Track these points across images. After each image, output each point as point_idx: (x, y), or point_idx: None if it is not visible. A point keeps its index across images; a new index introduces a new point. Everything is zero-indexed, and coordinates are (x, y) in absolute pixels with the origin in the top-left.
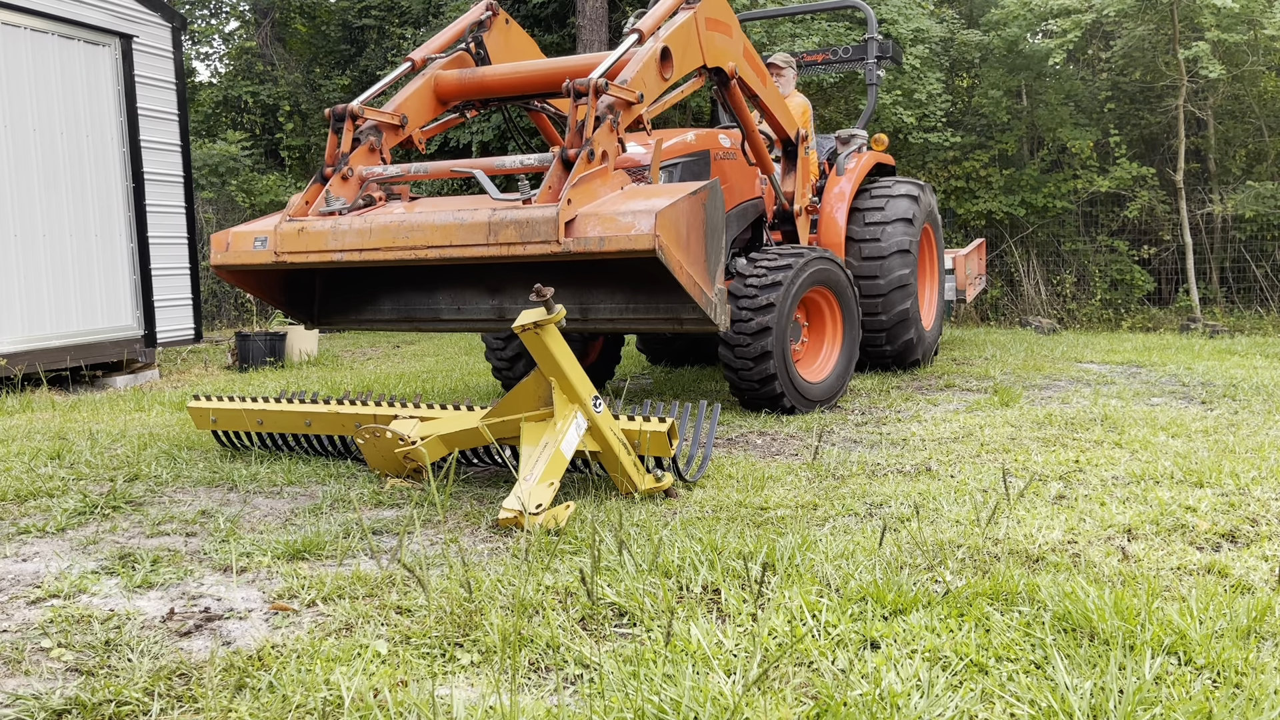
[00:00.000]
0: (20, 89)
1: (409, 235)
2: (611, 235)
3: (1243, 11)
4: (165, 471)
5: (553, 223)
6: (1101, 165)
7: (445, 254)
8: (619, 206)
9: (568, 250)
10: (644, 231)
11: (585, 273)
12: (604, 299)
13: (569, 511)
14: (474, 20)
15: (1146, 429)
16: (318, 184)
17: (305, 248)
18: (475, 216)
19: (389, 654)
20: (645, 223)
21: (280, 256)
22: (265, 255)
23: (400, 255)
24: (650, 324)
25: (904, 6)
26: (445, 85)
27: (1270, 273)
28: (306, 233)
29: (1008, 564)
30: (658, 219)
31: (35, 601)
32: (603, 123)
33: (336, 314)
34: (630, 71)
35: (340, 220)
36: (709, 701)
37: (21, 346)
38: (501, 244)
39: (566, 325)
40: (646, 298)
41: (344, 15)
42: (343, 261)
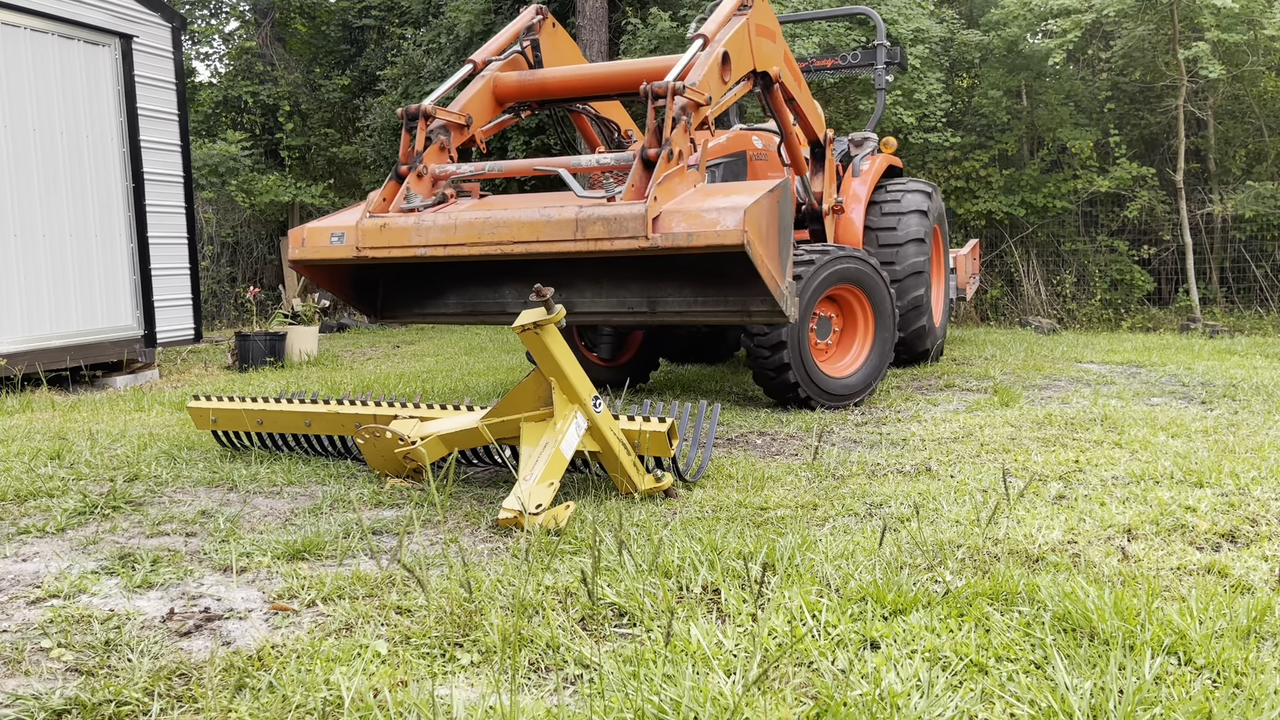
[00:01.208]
0: (20, 89)
1: (495, 231)
2: (699, 231)
3: (1243, 11)
4: (165, 471)
5: (641, 219)
6: (1101, 165)
7: (531, 249)
8: (701, 204)
9: (655, 245)
10: (730, 227)
11: (654, 268)
12: (672, 293)
13: (569, 511)
14: (526, 24)
15: (1146, 429)
16: (394, 182)
17: (388, 243)
18: (562, 213)
19: (389, 654)
20: (731, 219)
21: (362, 251)
22: (345, 250)
23: (485, 250)
24: (719, 316)
25: (904, 6)
26: (504, 87)
27: (1270, 273)
28: (389, 228)
29: (1008, 564)
30: (745, 215)
31: (35, 601)
32: (678, 124)
33: (400, 308)
34: (698, 74)
35: (423, 216)
36: (709, 701)
37: (21, 346)
38: (589, 239)
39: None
40: (715, 291)
41: (344, 15)
42: (426, 256)
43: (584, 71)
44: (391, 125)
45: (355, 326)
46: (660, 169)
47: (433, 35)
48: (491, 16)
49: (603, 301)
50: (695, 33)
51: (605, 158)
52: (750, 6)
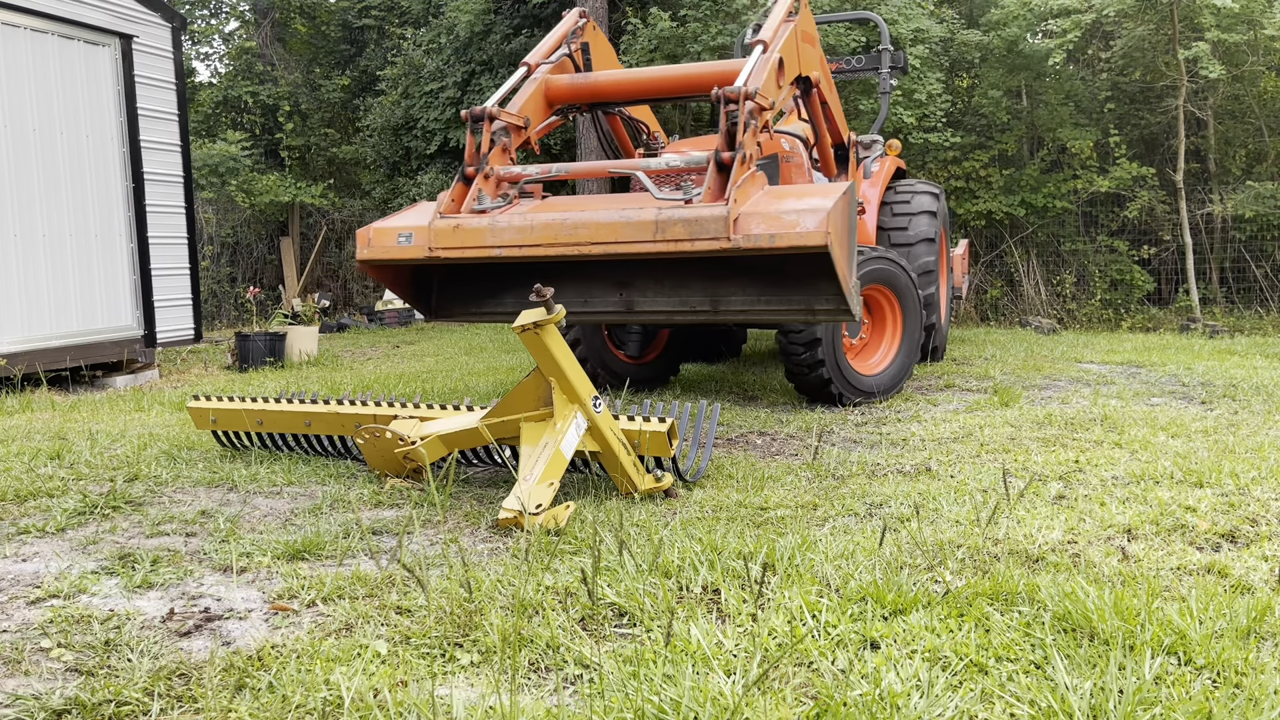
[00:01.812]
0: (20, 89)
1: (573, 232)
2: (781, 232)
3: (1243, 11)
4: (165, 471)
5: (723, 221)
6: (1101, 165)
7: (609, 250)
8: (779, 205)
9: (737, 246)
10: (811, 229)
11: (717, 267)
12: (736, 292)
13: (569, 511)
14: (571, 28)
15: (1146, 429)
16: (461, 183)
17: (461, 243)
18: (641, 215)
19: (389, 654)
20: (811, 221)
21: (434, 252)
22: (416, 250)
23: (563, 251)
24: (783, 315)
25: (904, 6)
26: (556, 89)
27: (1270, 273)
28: (462, 229)
29: (1008, 564)
30: (827, 218)
31: (35, 601)
32: (748, 128)
33: (455, 306)
34: (759, 80)
35: (497, 218)
36: (709, 702)
37: (21, 346)
38: (669, 240)
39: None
40: (780, 290)
41: (344, 15)
42: (501, 257)
43: (639, 75)
44: (391, 125)
45: (355, 326)
46: (738, 171)
47: (433, 35)
48: (491, 16)
49: (664, 301)
50: (754, 39)
51: (674, 159)
52: (797, 13)
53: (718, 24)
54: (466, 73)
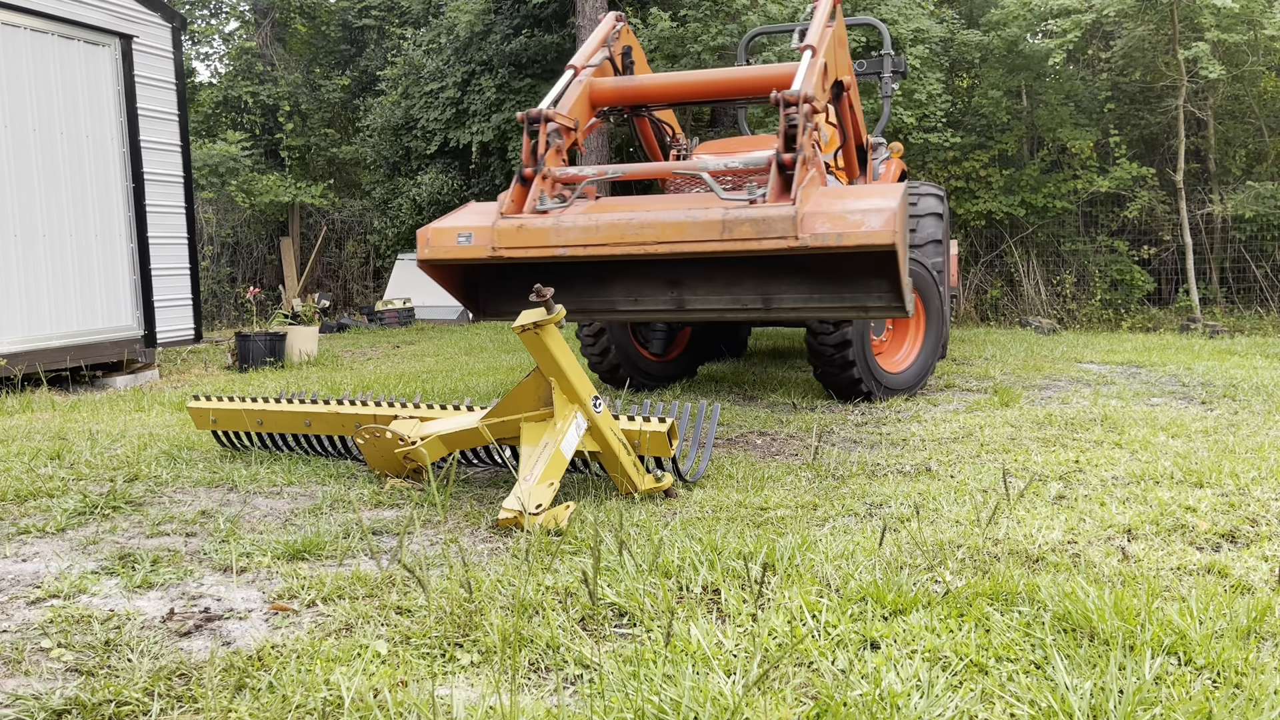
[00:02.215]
0: (20, 89)
1: (639, 231)
2: (847, 232)
3: (1243, 12)
4: (165, 472)
5: (790, 220)
6: (1101, 165)
7: (676, 249)
8: (843, 205)
9: (805, 245)
10: (877, 228)
11: (768, 266)
12: (787, 290)
13: (569, 512)
14: (610, 31)
15: (1146, 429)
16: (520, 184)
17: (525, 243)
18: (708, 214)
19: (389, 654)
20: (876, 220)
21: (498, 251)
22: (479, 250)
23: (628, 250)
24: (834, 312)
25: (904, 6)
26: (601, 92)
27: (1270, 273)
28: (526, 229)
29: (1008, 564)
30: (894, 217)
31: (35, 601)
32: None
33: (504, 305)
34: (811, 83)
35: (562, 217)
36: (709, 702)
37: (21, 346)
38: (736, 240)
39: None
40: (831, 288)
41: (344, 15)
42: (565, 256)
43: (685, 79)
44: (391, 125)
45: (355, 326)
46: (801, 173)
47: (433, 35)
48: (491, 16)
49: (716, 299)
50: (803, 44)
51: (733, 161)
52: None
53: (718, 24)
54: (466, 73)
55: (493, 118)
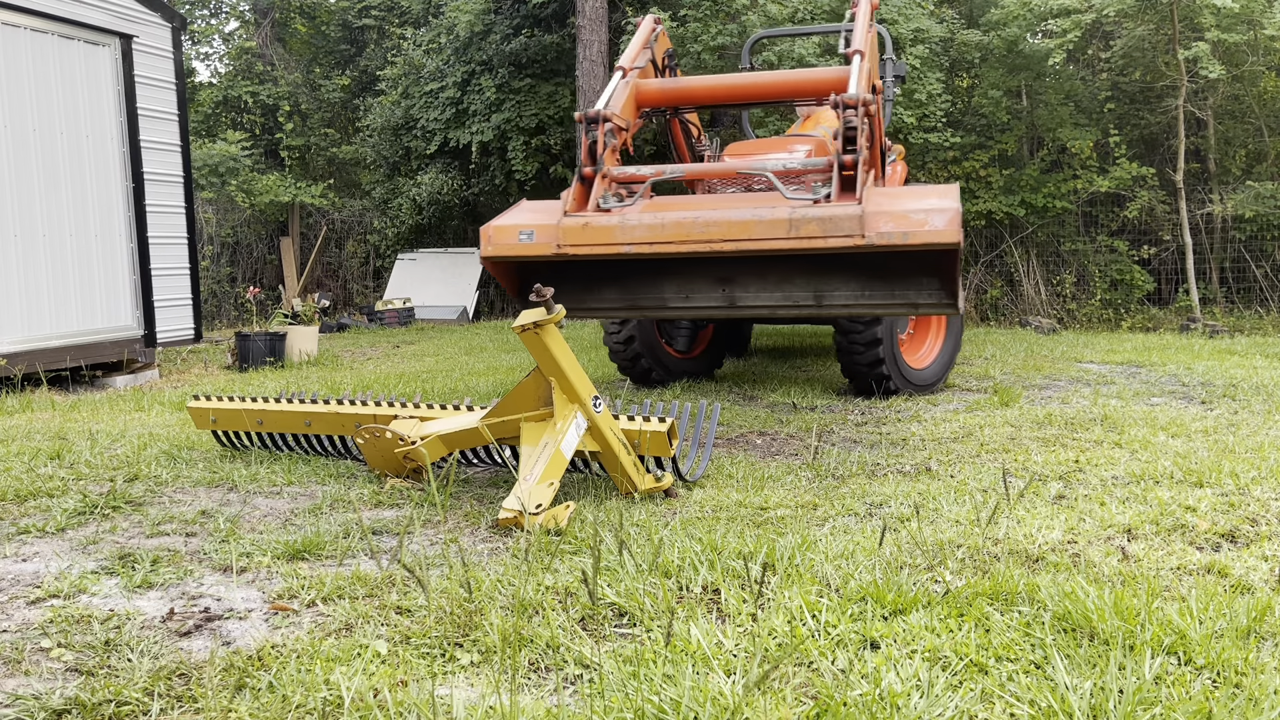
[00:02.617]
0: (20, 89)
1: (705, 230)
2: (912, 230)
3: (1243, 11)
4: (165, 471)
5: (857, 219)
6: (1101, 165)
7: (742, 247)
8: (904, 205)
9: (871, 244)
10: (939, 227)
11: (819, 264)
12: (839, 286)
13: (569, 511)
14: (651, 33)
15: (1146, 429)
16: (580, 184)
17: (591, 241)
18: (775, 213)
19: (389, 654)
20: (940, 220)
21: (563, 249)
22: (543, 248)
23: (694, 248)
24: (885, 309)
25: (904, 6)
26: (646, 93)
27: (1270, 273)
28: (591, 227)
29: (1008, 564)
30: (956, 217)
31: (35, 601)
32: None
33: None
34: (864, 87)
35: (628, 216)
36: (709, 702)
37: (21, 346)
38: (803, 238)
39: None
40: (882, 285)
41: (344, 15)
42: (631, 254)
43: (731, 81)
44: (391, 125)
45: (355, 326)
46: (864, 174)
47: (433, 35)
48: (491, 16)
49: (767, 296)
50: (853, 49)
51: (792, 161)
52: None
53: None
54: (466, 73)
55: (493, 118)
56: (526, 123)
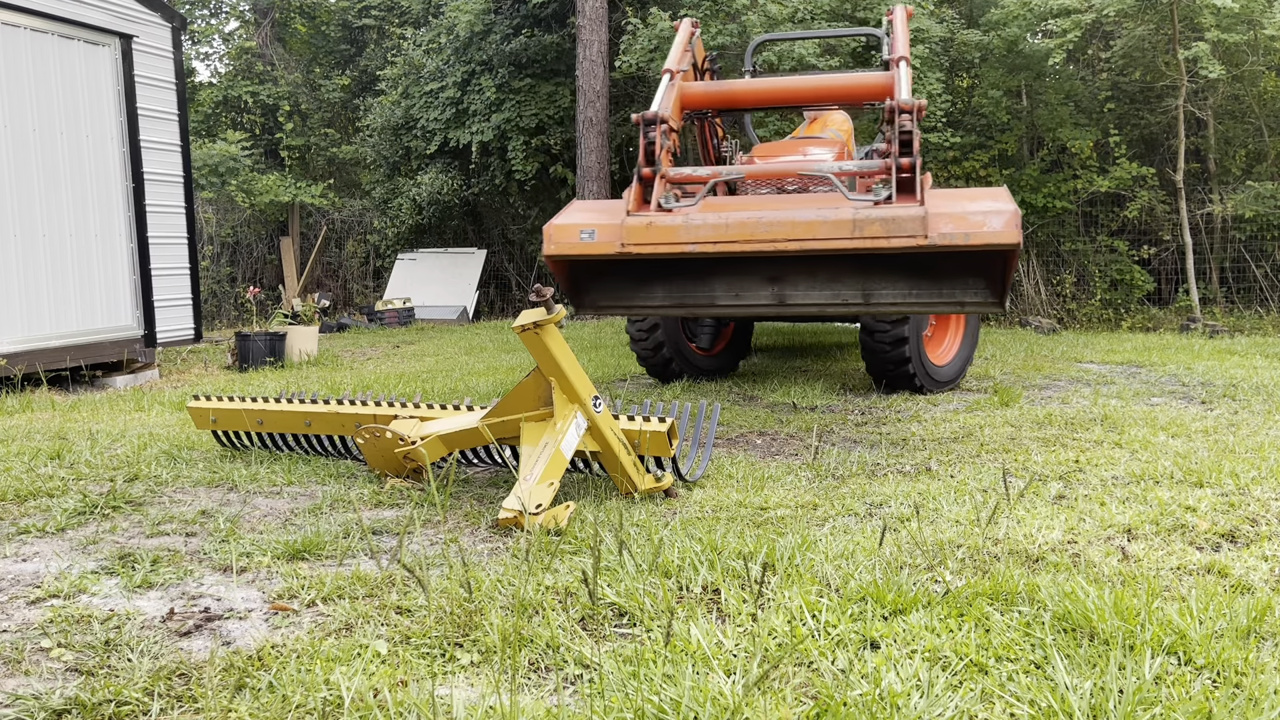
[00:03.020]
0: (20, 89)
1: (768, 229)
2: (974, 232)
3: (1243, 11)
4: (165, 471)
5: (920, 220)
6: (1101, 165)
7: (805, 246)
8: (962, 207)
9: (933, 244)
10: (998, 229)
11: (867, 263)
12: (887, 286)
13: (569, 511)
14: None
15: (1146, 429)
16: (639, 184)
17: (654, 240)
18: (839, 214)
19: (389, 654)
20: (998, 221)
21: (627, 247)
22: (606, 246)
23: (758, 247)
24: (932, 307)
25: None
26: (691, 95)
27: (1270, 273)
28: (655, 226)
29: (1008, 564)
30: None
31: (35, 601)
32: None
33: (605, 300)
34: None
35: (691, 215)
36: (709, 701)
37: (21, 346)
38: (866, 238)
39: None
40: (930, 284)
41: (344, 15)
42: (694, 253)
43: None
44: (391, 125)
45: (355, 326)
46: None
47: (433, 35)
48: (491, 16)
49: (817, 294)
50: (896, 55)
51: (848, 164)
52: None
53: (718, 24)
54: (466, 73)
55: (493, 117)
56: (526, 123)
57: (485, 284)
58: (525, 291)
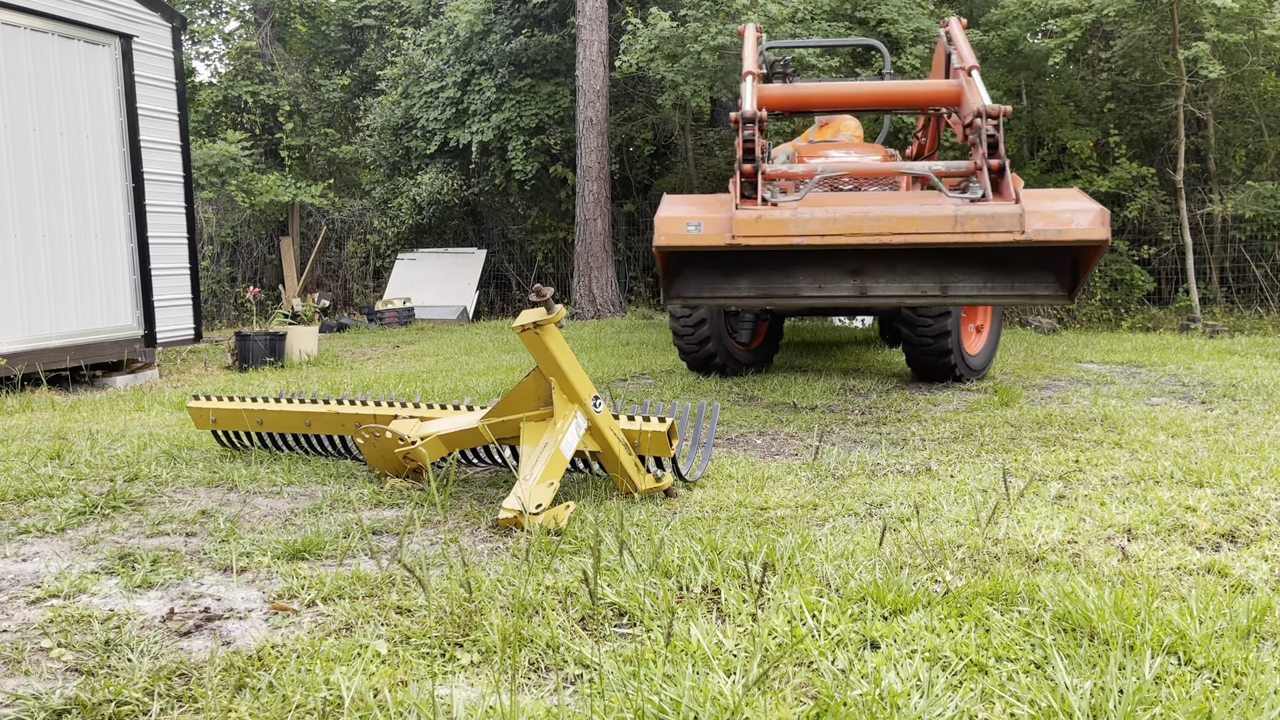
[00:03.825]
0: (20, 89)
1: (874, 224)
2: (1064, 228)
3: (1243, 11)
4: (165, 471)
5: (1017, 217)
6: (1101, 165)
7: (909, 240)
8: (1050, 206)
9: (1029, 240)
10: (1085, 226)
11: (944, 257)
12: (963, 279)
13: (569, 511)
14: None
15: (1146, 429)
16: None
17: (764, 233)
18: (941, 210)
19: (389, 654)
20: (1085, 219)
21: (736, 240)
22: (714, 238)
23: (864, 240)
24: (1005, 300)
25: (904, 6)
26: (768, 97)
27: (1270, 273)
28: (765, 220)
29: (1008, 564)
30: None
31: (35, 601)
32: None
33: (691, 290)
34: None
35: (799, 210)
36: (709, 702)
37: (21, 346)
38: (966, 233)
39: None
40: (1003, 278)
41: (344, 15)
42: (802, 245)
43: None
44: (391, 125)
45: (355, 326)
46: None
47: (433, 35)
48: (491, 16)
49: (896, 286)
50: (968, 65)
51: (937, 165)
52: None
53: (718, 24)
54: (466, 72)
55: (493, 117)
56: (526, 122)
57: (485, 284)
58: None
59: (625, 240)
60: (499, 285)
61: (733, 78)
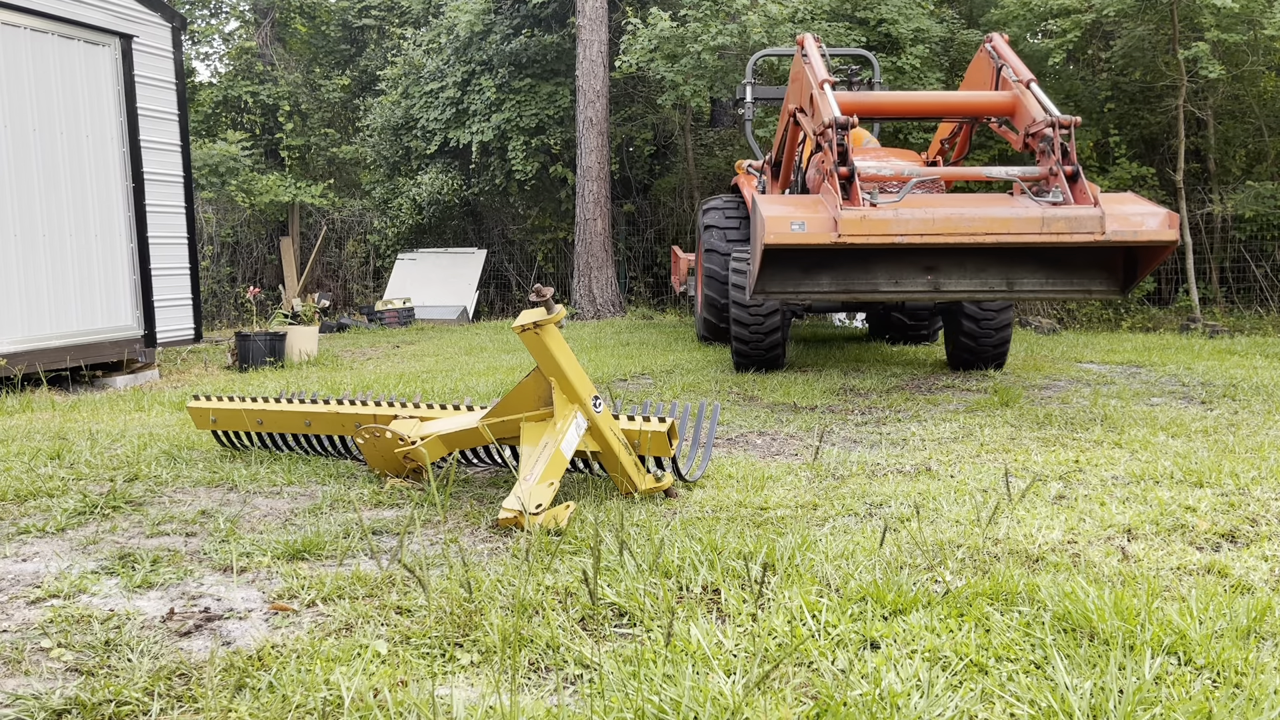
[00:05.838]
0: (20, 89)
1: (970, 224)
2: (1139, 230)
3: (1243, 11)
4: (165, 471)
5: (1098, 220)
6: (1102, 165)
7: (1001, 239)
8: (1120, 209)
9: (1108, 240)
10: (1154, 228)
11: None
12: (1027, 275)
13: (569, 511)
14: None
15: (1146, 429)
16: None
17: (868, 231)
18: (1029, 212)
19: (389, 654)
20: (1154, 221)
21: (842, 238)
22: (820, 236)
23: (960, 240)
24: (1065, 294)
25: (904, 6)
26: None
27: (1270, 273)
28: (868, 220)
29: (1008, 564)
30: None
31: (35, 601)
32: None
33: (776, 286)
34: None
35: (901, 211)
36: (709, 702)
37: (21, 346)
38: (1052, 233)
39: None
40: (1063, 275)
41: (344, 15)
42: (903, 243)
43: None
44: (391, 125)
45: (355, 326)
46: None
47: (433, 35)
48: (491, 16)
49: (967, 282)
50: (1026, 78)
51: (1013, 170)
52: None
53: (718, 24)
54: (466, 73)
55: (493, 117)
56: (526, 123)
57: (485, 284)
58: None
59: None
60: (499, 285)
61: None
